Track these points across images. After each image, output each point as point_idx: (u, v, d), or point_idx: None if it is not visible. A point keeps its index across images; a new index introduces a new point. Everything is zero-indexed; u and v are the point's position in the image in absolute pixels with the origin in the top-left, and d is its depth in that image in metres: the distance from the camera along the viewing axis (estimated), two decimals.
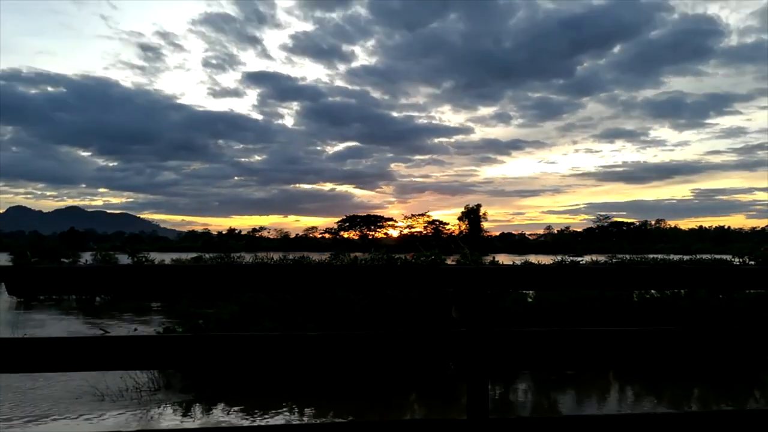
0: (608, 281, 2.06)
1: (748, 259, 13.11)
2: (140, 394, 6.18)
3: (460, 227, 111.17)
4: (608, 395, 6.41)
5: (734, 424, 1.98)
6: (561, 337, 1.90)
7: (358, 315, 7.70)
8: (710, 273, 2.05)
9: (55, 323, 13.05)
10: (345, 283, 1.99)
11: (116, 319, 13.41)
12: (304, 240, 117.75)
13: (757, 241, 59.51)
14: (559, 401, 6.22)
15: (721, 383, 6.81)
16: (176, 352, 1.78)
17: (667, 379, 6.93)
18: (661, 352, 1.93)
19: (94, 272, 1.84)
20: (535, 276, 2.02)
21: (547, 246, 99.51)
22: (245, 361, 1.79)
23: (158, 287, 1.84)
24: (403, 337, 1.86)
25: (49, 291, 1.91)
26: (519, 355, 1.89)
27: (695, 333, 1.95)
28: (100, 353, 1.73)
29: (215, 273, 1.84)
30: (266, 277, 1.88)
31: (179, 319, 8.73)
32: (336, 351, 1.82)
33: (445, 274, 1.93)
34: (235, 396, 6.06)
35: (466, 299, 1.87)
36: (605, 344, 1.92)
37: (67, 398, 6.03)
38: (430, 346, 1.86)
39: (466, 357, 1.86)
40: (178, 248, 78.33)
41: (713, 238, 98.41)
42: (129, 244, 38.56)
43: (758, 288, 2.84)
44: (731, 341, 1.97)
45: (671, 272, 2.01)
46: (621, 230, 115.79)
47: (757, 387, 6.82)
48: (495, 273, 1.92)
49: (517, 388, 6.64)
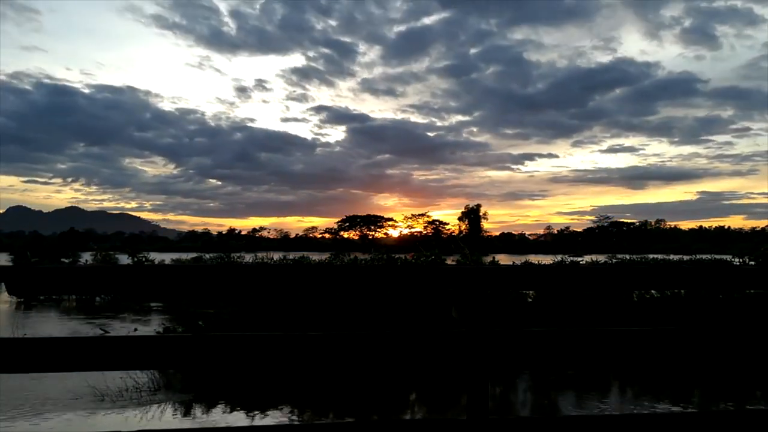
0: (608, 281, 2.05)
1: (748, 259, 13.11)
2: (140, 394, 6.18)
3: (460, 227, 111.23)
4: (608, 395, 6.41)
5: (734, 424, 1.98)
6: (561, 337, 1.90)
7: (358, 315, 7.70)
8: (710, 273, 2.05)
9: (55, 323, 13.06)
10: (345, 283, 1.99)
11: (116, 319, 13.41)
12: (304, 240, 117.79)
13: (757, 241, 59.48)
14: (559, 401, 6.23)
15: (720, 383, 6.81)
16: (176, 352, 1.78)
17: (668, 379, 6.93)
18: (661, 353, 1.93)
19: (94, 272, 1.84)
20: (535, 276, 2.01)
21: (547, 246, 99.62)
22: (245, 362, 1.78)
23: (158, 287, 1.84)
24: (403, 337, 1.86)
25: (49, 291, 1.90)
26: (519, 355, 1.89)
27: (696, 333, 1.95)
28: (100, 353, 1.73)
29: (215, 273, 1.84)
30: (266, 277, 1.88)
31: (179, 319, 8.73)
32: (336, 351, 1.82)
33: (445, 274, 1.93)
34: (235, 396, 6.06)
35: (466, 299, 1.87)
36: (605, 344, 1.92)
37: (66, 398, 6.03)
38: (430, 346, 1.86)
39: (466, 357, 1.86)
40: (178, 248, 78.33)
41: (713, 238, 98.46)
42: (129, 244, 38.53)
43: (758, 288, 2.84)
44: (732, 341, 1.97)
45: (671, 272, 2.01)
46: (621, 230, 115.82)
47: (757, 387, 6.82)
48: (495, 273, 1.92)
49: (517, 388, 6.64)
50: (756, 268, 2.12)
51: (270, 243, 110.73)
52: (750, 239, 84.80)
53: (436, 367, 2.00)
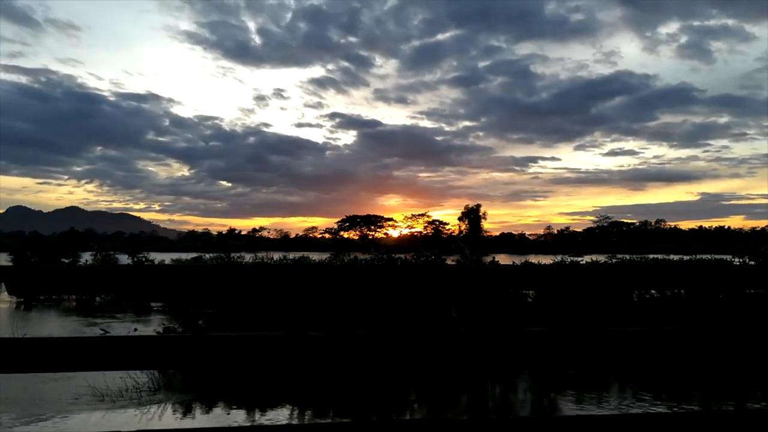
0: (608, 281, 2.05)
1: (748, 259, 13.11)
2: (140, 394, 6.18)
3: (460, 227, 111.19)
4: (608, 395, 6.41)
5: (734, 424, 1.98)
6: (561, 338, 1.90)
7: (358, 315, 7.70)
8: (710, 273, 2.05)
9: (55, 323, 13.06)
10: (345, 283, 1.99)
11: (116, 319, 13.41)
12: (304, 240, 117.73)
13: (756, 241, 59.47)
14: (559, 401, 6.22)
15: (721, 383, 6.81)
16: (176, 352, 1.78)
17: (668, 379, 6.93)
18: (662, 353, 1.93)
19: (94, 272, 1.84)
20: (535, 276, 2.01)
21: (547, 246, 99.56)
22: (246, 362, 1.78)
23: (158, 287, 1.84)
24: (403, 337, 1.86)
25: (49, 291, 1.89)
26: (519, 355, 1.89)
27: (695, 333, 1.95)
28: (100, 353, 1.73)
29: (215, 273, 1.84)
30: (266, 277, 1.88)
31: (179, 319, 8.73)
32: (336, 351, 1.82)
33: (445, 274, 1.93)
34: (235, 396, 6.06)
35: (466, 299, 1.87)
36: (605, 345, 1.92)
37: (66, 398, 6.02)
38: (430, 346, 1.86)
39: (466, 357, 1.86)
40: (178, 248, 78.27)
41: (713, 239, 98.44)
42: (129, 244, 38.54)
43: (758, 288, 2.84)
44: (732, 341, 1.97)
45: (671, 272, 2.01)
46: (621, 230, 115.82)
47: (757, 387, 6.82)
48: (495, 273, 1.92)
49: (517, 388, 6.64)
50: (756, 268, 2.12)
51: (270, 243, 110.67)
52: (750, 239, 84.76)
53: (436, 367, 1.99)
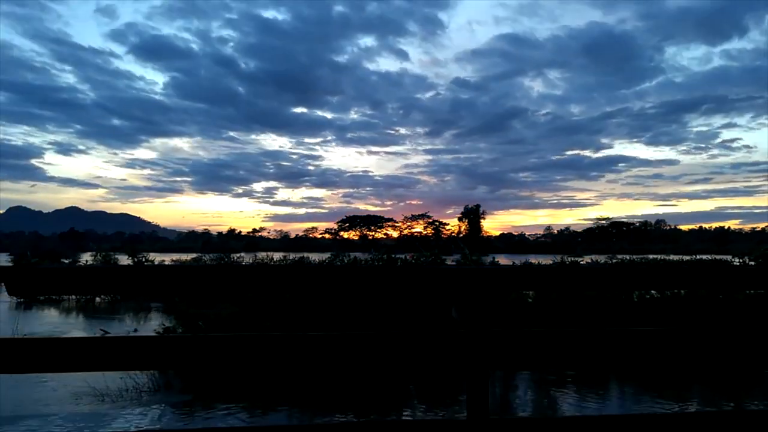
0: (608, 281, 2.05)
1: (748, 259, 13.13)
2: (140, 394, 6.18)
3: (460, 227, 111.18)
4: (608, 395, 6.41)
5: (734, 424, 1.98)
6: (561, 338, 1.90)
7: (358, 316, 7.70)
8: (710, 273, 2.05)
9: (55, 323, 13.05)
10: (345, 283, 1.98)
11: (116, 319, 13.41)
12: (304, 240, 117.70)
13: (757, 241, 59.53)
14: (559, 401, 6.22)
15: (721, 383, 6.81)
16: (176, 352, 1.77)
17: (668, 379, 6.93)
18: (662, 353, 1.92)
19: (94, 272, 1.84)
20: (535, 276, 2.01)
21: (547, 246, 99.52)
22: (245, 362, 1.78)
23: (158, 287, 1.84)
24: (403, 337, 1.85)
25: (49, 291, 1.89)
26: (519, 355, 1.89)
27: (695, 333, 1.95)
28: (100, 353, 1.73)
29: (215, 273, 1.83)
30: (266, 277, 1.87)
31: (179, 319, 8.74)
32: (336, 351, 1.82)
33: (445, 274, 1.93)
34: (235, 396, 6.06)
35: (465, 300, 1.87)
36: (605, 345, 1.92)
37: (66, 399, 6.02)
38: (431, 346, 1.86)
39: (466, 357, 1.85)
40: (177, 249, 78.27)
41: (713, 239, 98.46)
42: (129, 245, 38.55)
43: (758, 288, 2.83)
44: (731, 341, 1.97)
45: (671, 272, 2.01)
46: (621, 231, 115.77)
47: (757, 386, 6.82)
48: (495, 273, 1.92)
49: (517, 388, 6.64)
50: (756, 268, 2.12)
51: (270, 243, 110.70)
52: (750, 240, 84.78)
53: (437, 367, 1.98)
